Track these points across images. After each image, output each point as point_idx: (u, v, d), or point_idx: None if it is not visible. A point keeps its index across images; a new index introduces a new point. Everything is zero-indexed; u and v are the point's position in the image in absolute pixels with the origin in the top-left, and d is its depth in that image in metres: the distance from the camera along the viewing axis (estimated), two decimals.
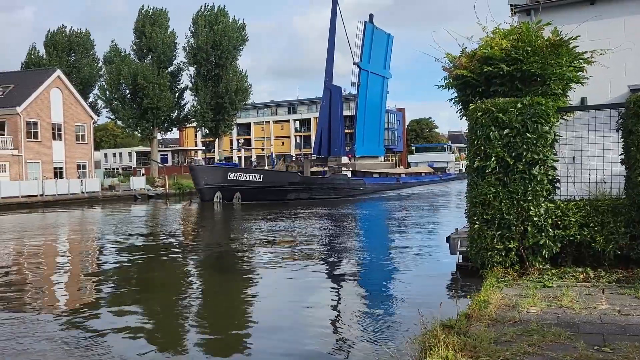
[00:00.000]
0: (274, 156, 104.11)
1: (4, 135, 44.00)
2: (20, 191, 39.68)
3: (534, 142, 7.57)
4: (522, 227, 7.64)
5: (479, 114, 7.87)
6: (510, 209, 7.64)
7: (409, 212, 31.09)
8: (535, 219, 7.58)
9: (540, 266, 7.66)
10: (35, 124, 45.56)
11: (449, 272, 11.42)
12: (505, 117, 7.65)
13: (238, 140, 78.95)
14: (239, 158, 53.52)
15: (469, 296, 7.43)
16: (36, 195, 40.75)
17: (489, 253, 7.80)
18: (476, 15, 8.66)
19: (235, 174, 38.52)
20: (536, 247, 7.67)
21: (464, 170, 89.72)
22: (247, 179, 38.73)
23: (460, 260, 10.70)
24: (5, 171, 42.85)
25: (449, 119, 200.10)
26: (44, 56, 58.69)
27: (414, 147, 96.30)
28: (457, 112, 9.46)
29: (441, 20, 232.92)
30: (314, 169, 49.85)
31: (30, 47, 59.38)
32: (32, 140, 45.25)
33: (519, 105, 7.66)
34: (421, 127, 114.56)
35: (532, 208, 7.58)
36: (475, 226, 8.00)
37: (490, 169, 7.73)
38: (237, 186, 38.05)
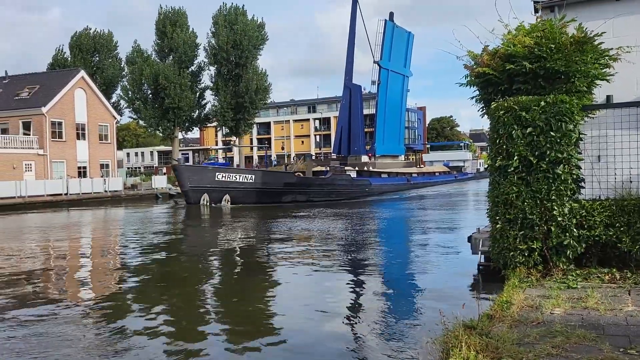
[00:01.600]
0: (273, 155, 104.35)
1: (29, 135, 44.86)
2: (45, 190, 40.41)
3: (558, 140, 7.45)
4: (545, 227, 7.52)
5: (501, 112, 7.77)
6: (533, 208, 7.53)
7: (426, 212, 30.83)
8: (559, 218, 7.46)
9: (565, 267, 7.54)
10: (60, 124, 46.35)
11: (470, 272, 11.33)
12: (528, 116, 7.54)
13: (224, 141, 77.60)
14: (260, 157, 53.10)
15: (490, 296, 7.36)
16: (61, 194, 41.45)
17: (512, 253, 7.70)
18: (498, 13, 8.55)
19: (224, 175, 35.55)
20: (560, 247, 7.55)
21: (481, 170, 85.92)
22: (238, 180, 35.64)
23: (482, 260, 10.59)
24: (31, 170, 43.68)
25: (471, 117, 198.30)
26: (69, 57, 59.69)
27: (428, 146, 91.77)
28: (478, 110, 9.35)
29: (463, 17, 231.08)
30: (317, 168, 46.79)
31: (57, 48, 60.47)
32: (57, 140, 46.05)
33: (542, 103, 7.54)
34: (442, 126, 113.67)
35: (555, 208, 7.46)
36: (498, 226, 7.91)
37: (512, 168, 7.63)
38: (226, 188, 35.15)
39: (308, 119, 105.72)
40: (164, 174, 58.46)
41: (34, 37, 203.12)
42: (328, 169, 45.23)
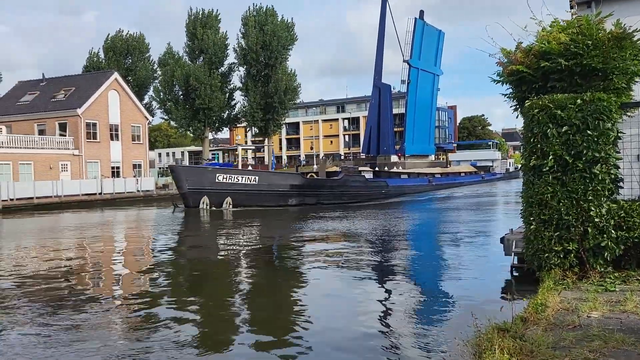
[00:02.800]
0: (302, 156, 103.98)
1: (65, 136, 46.02)
2: (80, 190, 41.39)
3: (595, 139, 7.26)
4: (582, 228, 7.34)
5: (536, 110, 7.61)
6: (569, 209, 7.35)
7: (454, 213, 30.45)
8: (597, 219, 7.27)
9: (602, 269, 7.34)
10: (94, 125, 47.42)
11: (503, 273, 11.14)
12: (564, 114, 7.36)
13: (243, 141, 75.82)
14: (289, 157, 52.53)
15: (524, 299, 7.21)
16: (95, 194, 42.40)
17: (547, 255, 7.53)
18: (531, 10, 8.38)
19: (225, 176, 33.26)
20: (597, 249, 7.35)
21: (511, 170, 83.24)
22: (240, 182, 33.39)
23: (515, 262, 10.41)
24: (66, 170, 44.79)
25: (504, 116, 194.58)
26: (103, 60, 61.03)
27: (455, 145, 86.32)
28: (511, 107, 9.19)
29: (495, 14, 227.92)
30: (333, 168, 44.60)
31: (91, 51, 61.89)
32: (92, 140, 47.11)
33: (578, 101, 7.35)
34: (473, 125, 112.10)
35: (592, 208, 7.27)
36: (532, 227, 7.75)
37: (547, 168, 7.46)
38: (227, 190, 33.02)
39: (337, 119, 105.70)
40: None
41: (69, 40, 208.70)
42: (340, 169, 43.37)
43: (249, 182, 33.58)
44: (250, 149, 56.91)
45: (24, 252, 17.65)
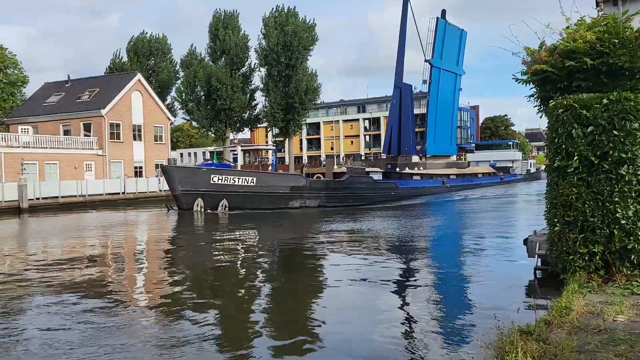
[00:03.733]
0: (322, 156, 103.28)
1: (90, 136, 46.78)
2: (104, 189, 42.02)
3: (622, 140, 7.13)
4: (607, 230, 7.21)
5: (560, 110, 7.50)
6: (594, 210, 7.23)
7: (476, 214, 30.11)
8: (623, 221, 7.14)
9: (628, 272, 7.21)
10: (117, 125, 48.11)
11: (526, 275, 10.99)
12: (590, 114, 7.25)
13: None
14: (310, 157, 51.72)
15: (548, 302, 7.12)
16: (118, 193, 43.00)
17: (571, 257, 7.42)
18: (560, 6, 8.25)
19: (221, 177, 31.43)
20: (624, 251, 7.22)
21: (532, 171, 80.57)
22: (236, 183, 31.59)
23: (539, 264, 10.27)
24: (91, 170, 45.53)
25: (527, 116, 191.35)
26: (126, 61, 61.87)
27: (473, 145, 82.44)
28: (535, 107, 9.08)
29: (519, 13, 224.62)
30: (342, 169, 42.36)
31: (115, 53, 62.83)
32: (115, 140, 47.80)
33: (604, 101, 7.23)
34: (496, 125, 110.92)
35: (619, 210, 7.14)
36: (556, 228, 7.65)
37: (572, 169, 7.36)
38: (223, 192, 31.26)
39: (357, 119, 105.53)
40: None
41: (94, 42, 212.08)
42: (346, 170, 40.94)
43: (246, 183, 31.86)
44: (260, 148, 55.42)
45: (50, 250, 17.98)
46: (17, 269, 14.15)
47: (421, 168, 54.41)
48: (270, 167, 43.34)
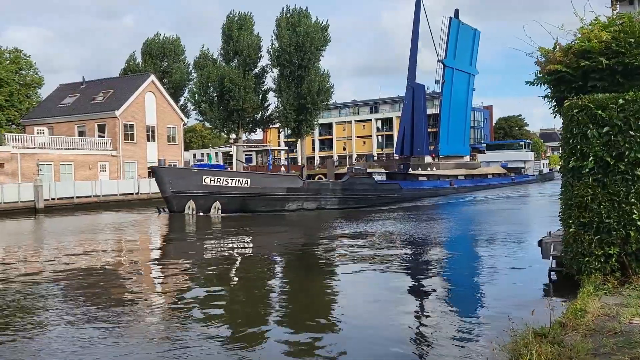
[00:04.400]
0: (335, 156, 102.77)
1: (104, 137, 47.22)
2: (118, 190, 42.38)
3: (638, 140, 7.05)
4: (624, 232, 7.14)
5: (575, 111, 7.44)
6: (610, 212, 7.16)
7: (490, 215, 29.89)
8: (639, 223, 7.05)
9: None
10: (131, 126, 48.50)
11: (540, 277, 10.91)
12: (605, 114, 7.17)
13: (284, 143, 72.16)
14: (322, 158, 51.10)
15: (563, 303, 7.06)
16: (132, 194, 43.34)
17: (586, 259, 7.35)
18: (573, 5, 8.18)
19: (213, 178, 30.34)
20: None
21: (545, 171, 78.77)
22: (229, 185, 30.44)
23: (553, 265, 10.18)
24: (105, 171, 45.95)
25: (542, 115, 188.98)
26: (140, 63, 62.38)
27: (484, 145, 79.26)
28: (550, 108, 9.00)
29: (533, 12, 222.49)
30: (342, 170, 41.50)
31: (129, 54, 63.40)
32: (129, 141, 48.18)
33: (620, 101, 7.15)
34: (510, 125, 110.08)
35: (635, 211, 7.06)
36: (571, 230, 7.58)
37: (587, 169, 7.29)
38: (215, 194, 30.15)
39: (370, 120, 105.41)
40: None
41: (109, 43, 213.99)
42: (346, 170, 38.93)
43: (239, 185, 30.62)
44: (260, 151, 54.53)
45: (65, 250, 18.18)
46: (31, 269, 14.33)
47: (434, 168, 54.15)
48: (282, 168, 42.57)
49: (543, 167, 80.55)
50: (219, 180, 30.34)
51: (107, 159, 46.28)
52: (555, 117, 8.86)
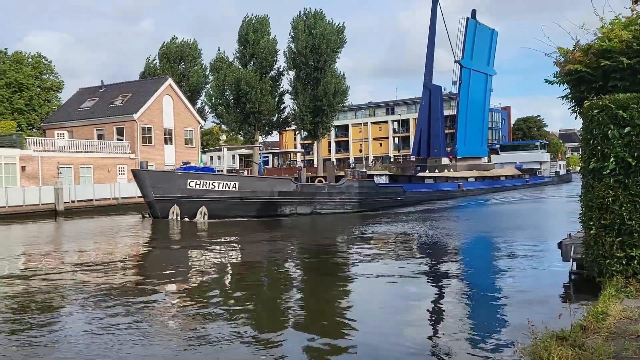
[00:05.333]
0: (351, 158, 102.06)
1: (122, 140, 47.76)
2: (136, 192, 42.72)
3: None
4: None
5: (596, 111, 7.34)
6: (632, 213, 7.05)
7: (508, 216, 29.57)
8: None
9: None
10: (149, 129, 48.98)
11: (560, 279, 10.78)
12: (626, 114, 7.07)
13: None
14: (338, 160, 50.77)
15: (584, 306, 6.96)
16: None
17: (608, 261, 7.25)
18: (593, 5, 8.07)
19: (199, 182, 28.77)
20: None
21: (562, 172, 76.18)
22: (216, 189, 28.99)
23: (574, 268, 10.06)
24: (123, 173, 46.45)
25: (561, 116, 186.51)
26: (158, 66, 63.00)
27: (497, 146, 76.57)
28: (569, 108, 8.89)
29: (553, 11, 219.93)
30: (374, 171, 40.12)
31: (148, 58, 64.03)
32: (147, 144, 48.65)
33: None
34: (528, 126, 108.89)
35: None
36: (592, 232, 7.48)
37: (608, 170, 7.19)
38: (201, 198, 28.64)
39: (386, 121, 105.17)
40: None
41: (128, 47, 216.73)
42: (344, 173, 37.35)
43: (227, 189, 29.15)
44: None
45: (86, 253, 18.42)
46: (53, 269, 14.53)
47: (451, 170, 53.82)
48: (298, 171, 41.88)
49: (560, 168, 78.25)
50: (204, 183, 28.89)
51: (126, 161, 46.78)
52: (575, 117, 8.76)
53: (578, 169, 11.13)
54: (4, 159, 36.14)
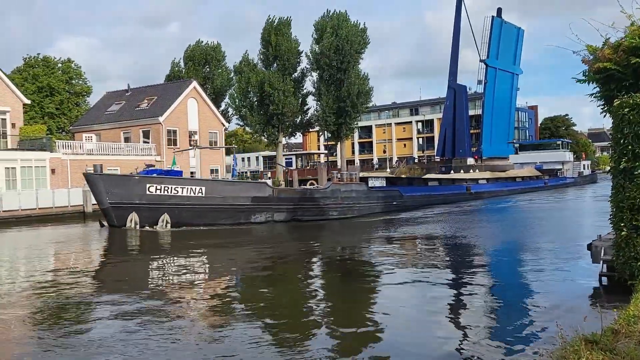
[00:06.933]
0: (375, 159, 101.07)
1: (148, 142, 48.45)
2: None
3: None
4: None
5: (626, 110, 7.17)
6: None
7: (533, 218, 29.10)
8: None
9: None
10: (174, 132, 49.58)
11: (590, 282, 10.56)
12: None
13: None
14: (362, 161, 50.36)
15: (615, 309, 6.80)
16: None
17: (639, 263, 7.07)
18: (619, 4, 7.89)
19: (159, 187, 26.26)
20: None
21: (586, 173, 71.34)
22: (180, 194, 26.49)
23: (604, 270, 9.84)
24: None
25: (591, 115, 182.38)
26: (183, 69, 63.76)
27: (517, 145, 71.29)
28: (598, 107, 8.71)
29: (581, 9, 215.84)
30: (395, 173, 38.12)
31: (173, 61, 64.85)
32: (172, 147, 49.28)
33: None
34: (556, 125, 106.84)
35: None
36: (623, 233, 7.31)
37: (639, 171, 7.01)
38: (163, 205, 26.15)
39: (410, 122, 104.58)
40: (269, 178, 60.50)
41: (155, 51, 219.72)
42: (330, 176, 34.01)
43: (192, 194, 26.70)
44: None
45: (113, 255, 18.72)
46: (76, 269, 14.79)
47: (476, 170, 53.20)
48: (319, 171, 38.72)
49: (584, 168, 72.81)
50: (166, 188, 26.39)
51: (152, 164, 47.45)
52: (604, 116, 8.57)
53: (608, 168, 10.87)
54: (34, 162, 36.97)
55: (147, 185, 26.27)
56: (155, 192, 26.25)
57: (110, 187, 26.35)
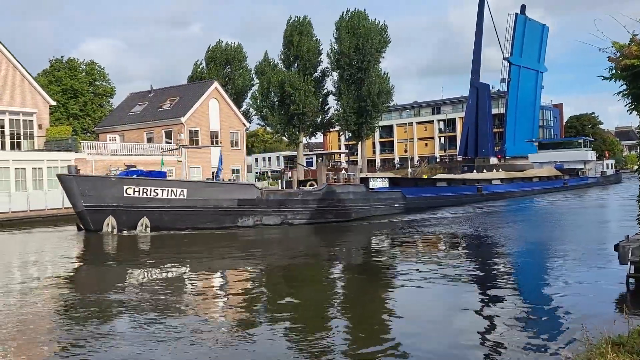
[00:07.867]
0: (396, 159, 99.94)
1: (171, 143, 48.95)
2: None
3: None
4: None
5: None
6: None
7: (558, 218, 28.62)
8: None
9: None
10: (196, 132, 50.01)
11: (617, 283, 10.33)
12: None
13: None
14: (383, 161, 49.88)
15: None
16: None
17: None
18: None
19: (138, 189, 24.95)
20: None
21: (609, 173, 68.21)
22: (159, 196, 25.11)
23: (632, 271, 9.62)
24: (171, 175, 47.58)
25: (618, 113, 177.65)
26: (205, 70, 64.33)
27: (536, 144, 67.24)
28: (625, 105, 8.49)
29: (607, 4, 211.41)
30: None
31: (196, 62, 65.51)
32: (194, 146, 49.71)
33: None
34: (582, 124, 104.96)
35: None
36: None
37: None
38: (142, 208, 24.86)
39: (432, 121, 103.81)
40: (289, 177, 60.60)
41: (178, 52, 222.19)
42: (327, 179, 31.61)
43: (174, 196, 25.31)
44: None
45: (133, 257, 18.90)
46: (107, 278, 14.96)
47: (500, 170, 52.52)
48: (342, 171, 35.31)
49: (607, 167, 69.27)
50: (145, 190, 25.04)
51: (173, 164, 47.90)
52: (631, 113, 8.36)
53: (635, 167, 10.55)
54: (60, 163, 37.59)
55: (125, 187, 24.99)
56: (133, 194, 24.95)
57: (85, 190, 24.96)
